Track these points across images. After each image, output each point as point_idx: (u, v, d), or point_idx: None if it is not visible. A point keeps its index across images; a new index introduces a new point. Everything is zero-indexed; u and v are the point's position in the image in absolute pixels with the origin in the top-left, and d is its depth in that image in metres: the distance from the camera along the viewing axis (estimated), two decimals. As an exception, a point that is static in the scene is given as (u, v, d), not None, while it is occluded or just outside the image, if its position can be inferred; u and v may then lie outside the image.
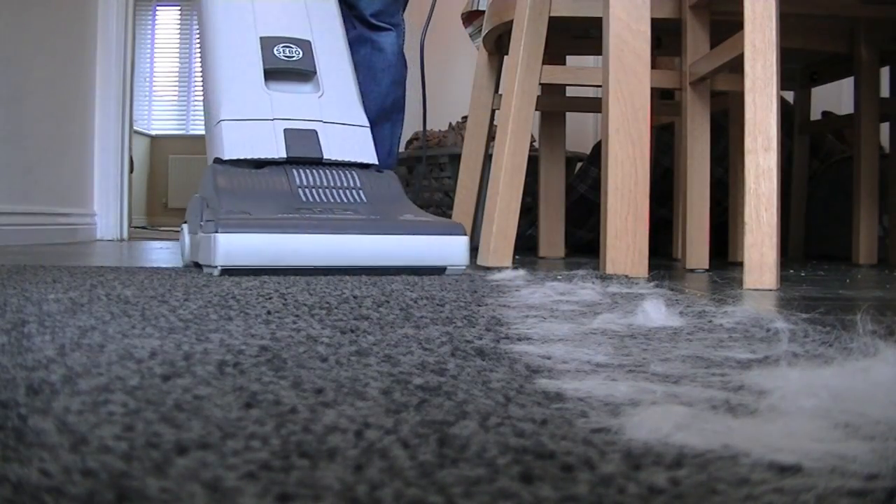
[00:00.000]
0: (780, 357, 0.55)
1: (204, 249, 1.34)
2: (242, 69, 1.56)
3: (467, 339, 0.62)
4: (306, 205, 1.41)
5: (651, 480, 0.29)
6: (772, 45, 1.31)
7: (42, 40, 2.84)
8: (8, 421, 0.35)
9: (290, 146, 1.49)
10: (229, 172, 1.45)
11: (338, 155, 1.53)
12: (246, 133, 1.50)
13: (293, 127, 1.52)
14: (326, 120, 1.56)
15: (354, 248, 1.33)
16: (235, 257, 1.27)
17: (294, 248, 1.30)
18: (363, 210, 1.44)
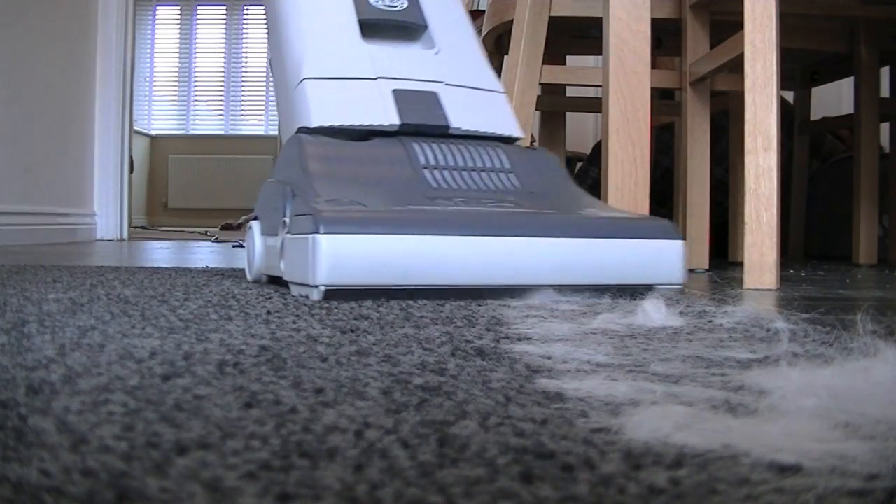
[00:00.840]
0: (781, 357, 0.55)
1: (293, 258, 0.95)
2: (330, 19, 1.19)
3: (467, 339, 0.62)
4: (440, 192, 1.03)
5: (651, 480, 0.29)
6: (772, 45, 1.31)
7: (42, 40, 2.84)
8: (8, 421, 0.35)
9: (403, 111, 1.11)
10: (324, 145, 1.07)
11: (469, 125, 1.13)
12: (341, 94, 1.12)
13: (406, 88, 1.14)
14: (449, 81, 1.17)
15: (530, 257, 0.94)
16: (348, 272, 0.89)
17: (439, 258, 0.91)
18: (523, 201, 1.05)
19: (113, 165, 3.37)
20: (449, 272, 0.91)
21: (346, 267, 0.88)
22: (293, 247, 0.95)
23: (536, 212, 1.00)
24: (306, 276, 0.90)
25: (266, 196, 1.14)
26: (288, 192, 1.02)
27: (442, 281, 0.91)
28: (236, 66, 7.02)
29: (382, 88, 1.13)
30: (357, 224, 0.89)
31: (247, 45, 6.97)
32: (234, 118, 7.03)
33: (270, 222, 1.09)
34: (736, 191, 2.02)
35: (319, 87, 1.12)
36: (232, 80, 7.05)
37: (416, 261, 0.90)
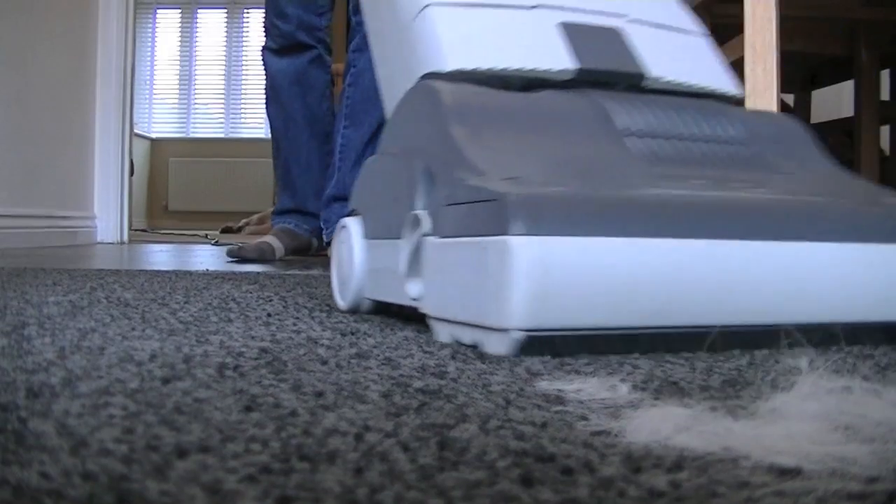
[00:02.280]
0: (779, 361, 0.55)
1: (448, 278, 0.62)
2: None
3: (467, 342, 0.62)
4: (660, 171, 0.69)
5: (651, 483, 0.29)
6: (772, 48, 1.31)
7: (43, 43, 2.85)
8: (8, 424, 0.35)
9: (580, 52, 0.78)
10: (473, 97, 0.73)
11: (672, 74, 0.82)
12: (486, 26, 0.79)
13: (577, 21, 0.81)
14: (635, 17, 0.85)
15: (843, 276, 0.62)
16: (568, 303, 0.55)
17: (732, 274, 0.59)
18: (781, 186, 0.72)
19: (113, 168, 3.37)
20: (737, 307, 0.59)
21: (563, 295, 0.55)
22: (447, 257, 0.62)
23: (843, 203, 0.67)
24: (483, 310, 0.56)
25: (374, 179, 0.81)
26: (420, 169, 0.68)
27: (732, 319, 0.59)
28: (237, 69, 7.02)
29: (545, 20, 0.81)
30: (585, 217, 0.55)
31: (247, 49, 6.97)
32: (235, 121, 7.03)
33: (385, 219, 0.75)
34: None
35: (453, 16, 0.78)
36: (232, 83, 7.05)
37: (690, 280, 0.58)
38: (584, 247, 0.54)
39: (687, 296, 0.57)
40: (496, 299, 0.54)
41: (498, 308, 0.54)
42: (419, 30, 0.78)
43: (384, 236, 0.74)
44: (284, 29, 2.02)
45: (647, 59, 0.81)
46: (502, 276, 0.53)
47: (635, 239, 0.55)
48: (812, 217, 0.62)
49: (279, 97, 2.08)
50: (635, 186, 0.64)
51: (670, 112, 0.75)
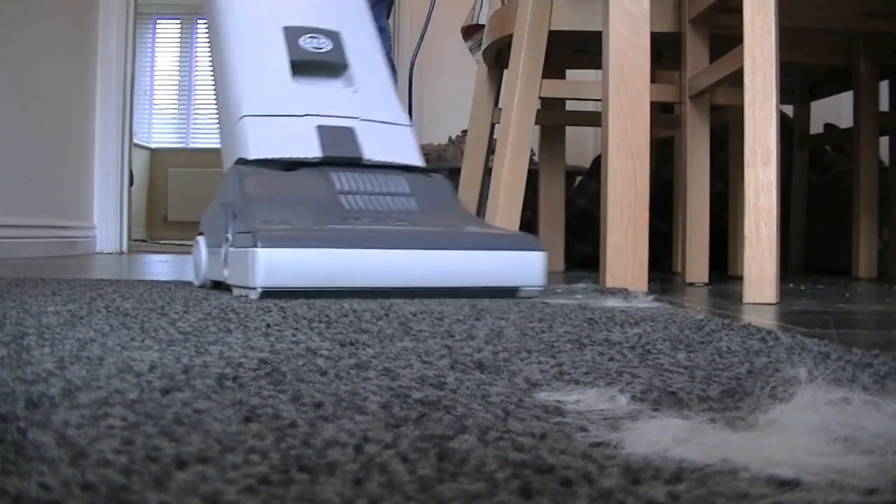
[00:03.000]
0: (779, 370, 0.55)
1: (235, 267, 1.16)
2: (266, 61, 1.37)
3: (466, 353, 0.62)
4: (351, 213, 1.22)
5: (650, 495, 0.29)
6: (771, 59, 1.32)
7: (43, 53, 2.85)
8: (7, 434, 0.35)
9: (325, 145, 1.29)
10: (259, 175, 1.25)
11: (379, 155, 1.33)
12: (274, 130, 1.30)
13: (327, 124, 1.32)
14: (364, 117, 1.36)
15: (418, 265, 1.15)
16: (279, 277, 1.09)
17: (348, 266, 1.11)
18: (418, 220, 1.24)
19: (113, 178, 3.37)
20: (359, 278, 1.13)
21: (279, 273, 1.09)
22: (236, 257, 1.16)
23: (429, 229, 1.22)
24: (246, 279, 1.11)
25: (212, 216, 1.32)
26: (230, 213, 1.22)
27: (353, 284, 1.12)
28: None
29: (308, 124, 1.32)
30: (288, 240, 1.11)
31: (247, 59, 6.98)
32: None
33: (215, 238, 1.27)
34: (735, 204, 2.02)
35: (256, 124, 1.31)
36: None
37: (334, 268, 1.11)
38: (291, 252, 1.10)
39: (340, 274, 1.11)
40: (252, 274, 1.09)
41: (253, 278, 1.09)
42: (239, 130, 1.32)
43: (214, 247, 1.27)
44: None
45: (365, 146, 1.33)
46: (254, 264, 1.09)
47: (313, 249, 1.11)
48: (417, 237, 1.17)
49: None
50: (331, 223, 1.18)
51: (369, 178, 1.29)
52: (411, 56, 2.50)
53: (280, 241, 1.09)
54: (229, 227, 1.20)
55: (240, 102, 1.32)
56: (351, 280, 1.12)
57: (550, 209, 2.30)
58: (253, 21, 1.40)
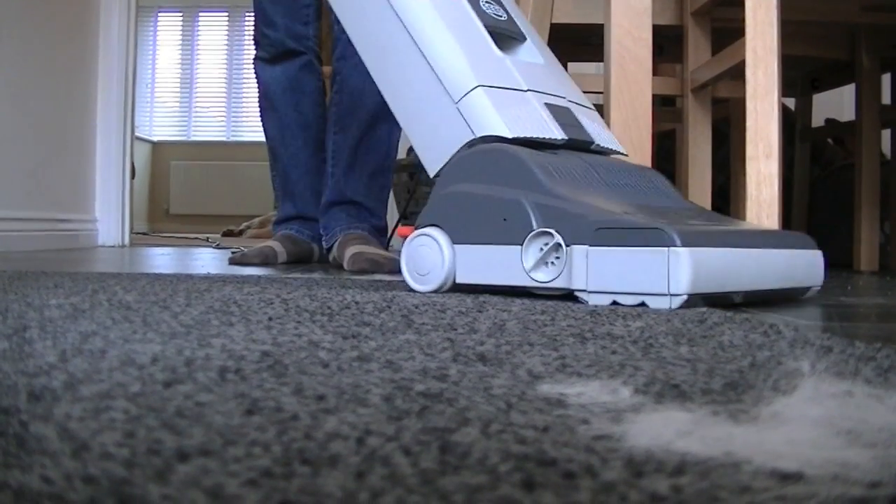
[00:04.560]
0: (781, 363, 0.55)
1: (606, 270, 0.96)
2: (465, 29, 1.18)
3: (468, 345, 0.62)
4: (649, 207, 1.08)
5: (653, 488, 0.29)
6: (773, 52, 1.31)
7: (44, 46, 2.85)
8: (9, 427, 0.35)
9: (563, 125, 1.15)
10: (536, 157, 1.07)
11: (603, 142, 1.20)
12: (511, 104, 1.13)
13: (552, 102, 1.17)
14: (570, 98, 1.22)
15: (779, 266, 1.06)
16: (703, 281, 0.93)
17: (745, 268, 1.00)
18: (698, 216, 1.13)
19: (114, 171, 3.37)
20: (751, 280, 1.01)
21: (705, 278, 0.93)
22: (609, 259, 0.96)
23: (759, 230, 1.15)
24: (657, 286, 0.93)
25: (463, 206, 1.09)
26: (527, 203, 1.02)
27: (747, 287, 1.00)
28: (238, 72, 7.03)
29: (536, 101, 1.15)
30: (709, 240, 0.96)
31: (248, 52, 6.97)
32: (236, 125, 7.04)
33: (477, 232, 1.07)
34: (737, 198, 2.02)
35: (493, 97, 1.11)
36: (234, 86, 7.06)
37: (739, 271, 0.99)
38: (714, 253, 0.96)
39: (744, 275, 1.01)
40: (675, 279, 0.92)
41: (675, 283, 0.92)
42: (475, 104, 1.11)
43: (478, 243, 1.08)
44: (273, 37, 2.05)
45: (590, 131, 1.18)
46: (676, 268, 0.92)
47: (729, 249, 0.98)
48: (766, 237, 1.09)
49: (274, 105, 2.11)
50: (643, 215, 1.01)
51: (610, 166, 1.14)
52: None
53: (699, 239, 0.94)
54: (535, 221, 1.01)
55: (464, 74, 1.13)
56: (748, 283, 1.01)
57: (552, 202, 2.30)
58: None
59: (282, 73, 2.08)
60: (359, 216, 1.97)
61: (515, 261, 1.02)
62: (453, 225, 1.10)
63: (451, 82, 1.13)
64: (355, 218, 1.96)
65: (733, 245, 0.99)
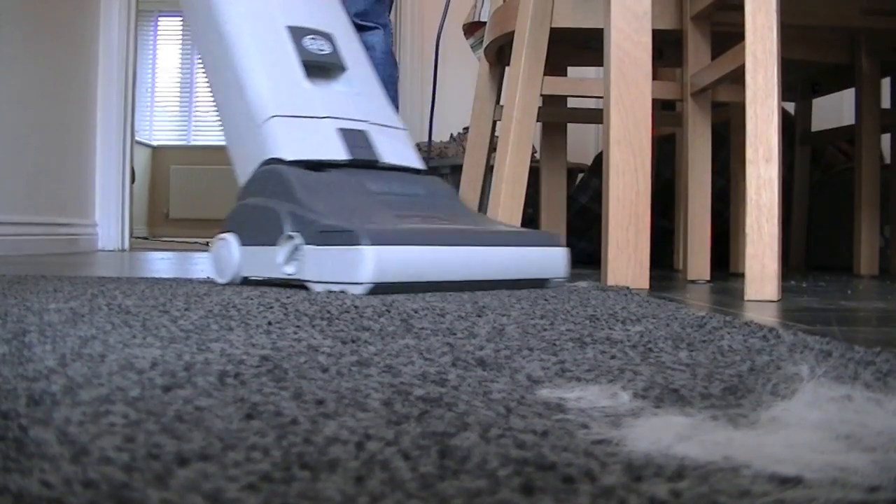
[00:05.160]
0: (781, 367, 0.55)
1: (318, 265, 1.17)
2: (280, 61, 1.37)
3: (468, 350, 0.62)
4: (398, 213, 1.27)
5: (652, 492, 0.29)
6: (773, 56, 1.31)
7: (44, 50, 2.85)
8: (9, 431, 0.35)
9: (350, 147, 1.34)
10: (304, 176, 1.28)
11: (392, 159, 1.39)
12: (302, 131, 1.33)
13: (346, 127, 1.36)
14: (372, 121, 1.41)
15: (485, 261, 1.24)
16: (388, 273, 1.13)
17: (439, 263, 1.18)
18: (452, 220, 1.32)
19: (114, 176, 3.37)
20: (442, 273, 1.19)
21: (387, 270, 1.13)
22: (323, 255, 1.17)
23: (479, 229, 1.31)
24: (350, 276, 1.12)
25: (247, 215, 1.32)
26: (283, 213, 1.23)
27: (438, 278, 1.19)
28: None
29: (331, 126, 1.36)
30: (393, 239, 1.14)
31: (248, 56, 6.98)
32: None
33: (257, 236, 1.28)
34: (737, 202, 2.02)
35: (286, 125, 1.33)
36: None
37: (427, 264, 1.17)
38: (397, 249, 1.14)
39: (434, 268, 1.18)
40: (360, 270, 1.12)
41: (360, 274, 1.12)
42: (267, 131, 1.32)
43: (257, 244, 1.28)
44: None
45: (380, 150, 1.38)
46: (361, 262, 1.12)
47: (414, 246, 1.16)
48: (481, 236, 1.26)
49: None
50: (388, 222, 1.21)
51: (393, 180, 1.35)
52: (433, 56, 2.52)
53: (384, 238, 1.13)
54: (288, 226, 1.21)
55: (265, 103, 1.33)
56: (438, 275, 1.18)
57: (552, 206, 2.30)
58: (257, 21, 1.40)
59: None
60: None
61: (274, 258, 1.22)
62: (241, 231, 1.32)
63: (255, 108, 1.34)
64: None
65: (426, 243, 1.17)
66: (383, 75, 1.97)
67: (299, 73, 1.37)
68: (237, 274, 1.32)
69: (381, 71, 1.96)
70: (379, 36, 1.97)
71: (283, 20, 1.41)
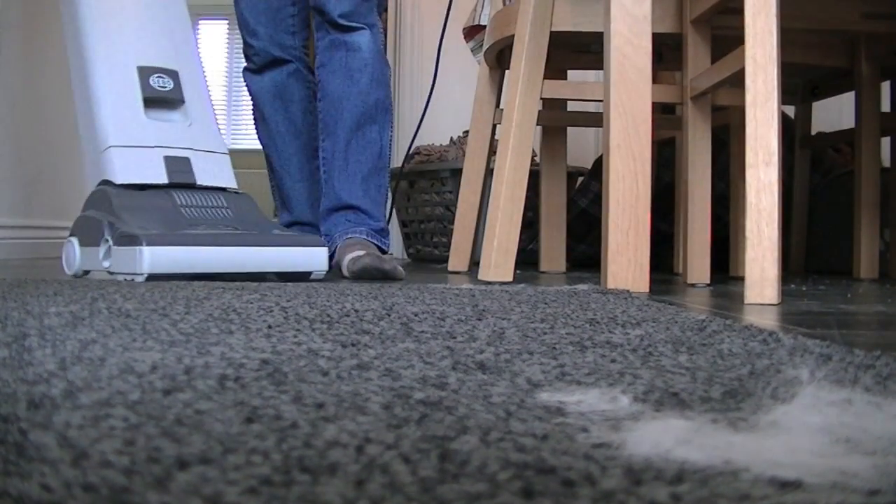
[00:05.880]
0: (781, 371, 0.55)
1: (121, 260, 1.53)
2: (125, 97, 1.72)
3: (468, 353, 0.62)
4: (192, 222, 1.64)
5: (652, 496, 0.29)
6: (773, 60, 1.31)
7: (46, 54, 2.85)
8: (9, 435, 0.35)
9: (170, 172, 1.70)
10: (123, 194, 1.64)
11: (207, 180, 1.75)
12: (134, 159, 1.69)
13: (171, 154, 1.72)
14: (196, 148, 1.76)
15: (246, 257, 1.60)
16: (160, 266, 1.49)
17: (203, 258, 1.55)
18: (238, 226, 1.68)
19: (114, 179, 3.37)
20: (209, 266, 1.55)
21: (160, 264, 1.50)
22: (122, 253, 1.53)
23: (248, 233, 1.65)
24: (132, 268, 1.49)
25: (83, 224, 1.69)
26: (105, 222, 1.59)
27: (204, 270, 1.53)
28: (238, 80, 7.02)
29: (157, 155, 1.71)
30: (165, 241, 1.52)
31: (249, 60, 6.98)
32: (236, 132, 7.04)
33: (90, 239, 1.64)
34: (737, 205, 2.02)
35: (121, 154, 1.68)
36: (234, 94, 7.06)
37: (195, 260, 1.54)
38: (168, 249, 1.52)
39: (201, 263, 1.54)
40: (139, 265, 1.49)
41: (140, 267, 1.49)
42: (106, 158, 1.68)
43: (90, 245, 1.65)
44: (257, 46, 2.08)
45: (198, 173, 1.74)
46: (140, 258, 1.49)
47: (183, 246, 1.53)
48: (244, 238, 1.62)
49: (263, 114, 2.14)
50: (180, 229, 1.59)
51: (201, 196, 1.70)
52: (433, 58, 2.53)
53: (158, 241, 1.50)
54: (107, 232, 1.58)
55: (106, 134, 1.68)
56: (205, 268, 1.54)
57: (552, 210, 2.30)
58: (113, 60, 1.73)
59: (269, 81, 2.10)
60: (356, 220, 1.96)
61: (99, 255, 1.59)
62: (81, 234, 1.69)
63: (100, 136, 1.69)
64: (353, 222, 1.96)
65: (197, 244, 1.54)
66: (375, 75, 1.97)
67: (139, 108, 1.72)
68: (80, 268, 1.68)
69: (372, 71, 1.96)
70: (366, 36, 1.96)
71: (135, 60, 1.74)
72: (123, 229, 1.54)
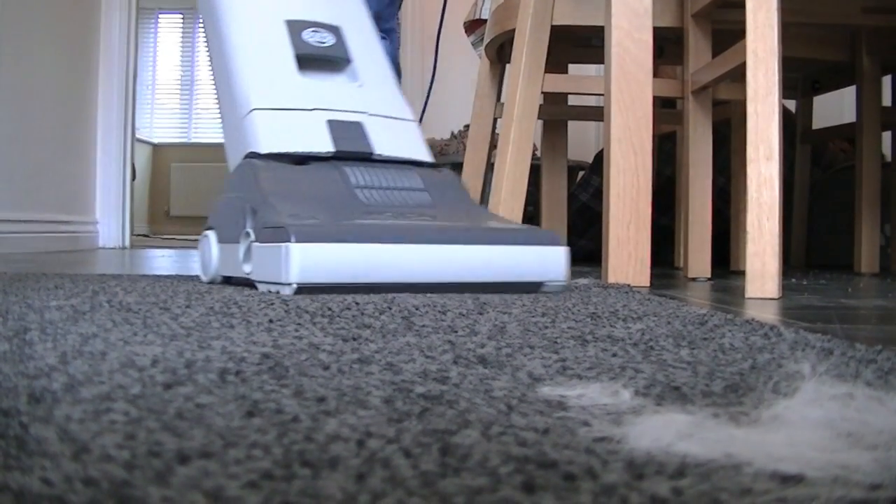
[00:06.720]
0: (782, 365, 0.55)
1: (263, 263, 1.11)
2: (271, 55, 1.35)
3: (469, 347, 0.62)
4: (372, 208, 1.20)
5: (654, 490, 0.29)
6: (774, 54, 1.31)
7: (45, 48, 2.85)
8: (9, 429, 0.35)
9: (336, 139, 1.27)
10: (273, 169, 1.22)
11: (389, 150, 1.31)
12: (285, 123, 1.28)
13: (337, 118, 1.30)
14: (371, 112, 1.35)
15: (449, 260, 1.12)
16: (315, 273, 1.05)
17: (381, 262, 1.08)
18: (436, 215, 1.23)
19: (115, 173, 3.37)
20: (391, 274, 1.09)
21: (315, 269, 1.05)
22: (263, 253, 1.11)
23: (453, 225, 1.19)
24: (277, 275, 1.06)
25: (223, 211, 1.29)
26: (247, 208, 1.18)
27: (385, 280, 1.09)
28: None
29: (318, 119, 1.30)
30: (323, 235, 1.07)
31: (249, 54, 6.97)
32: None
33: (229, 233, 1.23)
34: (738, 200, 2.02)
35: (267, 118, 1.28)
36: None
37: (367, 264, 1.08)
38: (327, 247, 1.06)
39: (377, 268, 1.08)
40: (286, 270, 1.05)
41: (286, 274, 1.05)
42: (248, 124, 1.28)
43: (229, 242, 1.23)
44: None
45: (375, 141, 1.30)
46: (287, 260, 1.05)
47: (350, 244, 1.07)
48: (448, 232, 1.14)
49: None
50: (353, 218, 1.14)
51: (382, 173, 1.26)
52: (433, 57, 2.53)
53: (314, 235, 1.05)
54: (248, 223, 1.17)
55: (248, 96, 1.29)
56: (385, 276, 1.08)
57: (553, 204, 2.30)
58: (255, 15, 1.38)
59: None
60: None
61: (238, 255, 1.18)
62: (219, 227, 1.28)
63: (240, 100, 1.31)
64: None
65: (372, 240, 1.08)
66: None
67: (291, 66, 1.34)
68: (217, 272, 1.27)
69: None
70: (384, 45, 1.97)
71: (283, 14, 1.38)
72: (269, 217, 1.12)
